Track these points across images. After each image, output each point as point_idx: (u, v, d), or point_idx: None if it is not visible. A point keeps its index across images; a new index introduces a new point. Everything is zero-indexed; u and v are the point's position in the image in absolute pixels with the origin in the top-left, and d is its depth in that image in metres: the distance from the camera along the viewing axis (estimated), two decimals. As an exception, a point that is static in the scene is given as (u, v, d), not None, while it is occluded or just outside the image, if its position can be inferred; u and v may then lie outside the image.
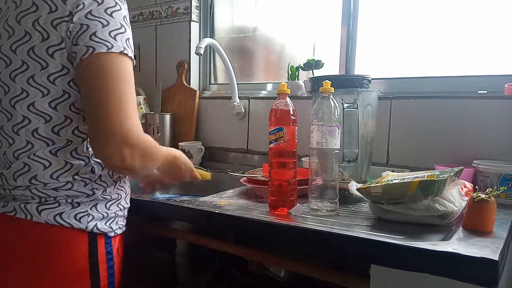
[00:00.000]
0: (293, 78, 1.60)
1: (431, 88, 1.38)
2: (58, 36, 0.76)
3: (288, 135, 0.93)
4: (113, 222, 0.86)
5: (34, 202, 0.80)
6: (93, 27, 0.75)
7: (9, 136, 0.81)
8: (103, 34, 0.75)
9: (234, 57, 1.89)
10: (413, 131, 1.33)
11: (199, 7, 1.91)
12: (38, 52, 0.77)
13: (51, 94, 0.78)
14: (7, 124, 0.81)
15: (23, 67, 0.78)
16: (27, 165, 0.80)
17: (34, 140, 0.79)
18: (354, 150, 1.06)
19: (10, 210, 0.80)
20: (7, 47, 0.79)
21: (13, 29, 0.79)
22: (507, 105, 1.19)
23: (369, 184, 0.91)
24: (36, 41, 0.77)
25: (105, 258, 0.84)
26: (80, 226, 0.81)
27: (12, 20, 0.79)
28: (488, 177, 1.07)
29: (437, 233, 0.79)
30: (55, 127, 0.79)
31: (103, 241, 0.84)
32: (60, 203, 0.80)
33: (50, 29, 0.76)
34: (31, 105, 0.78)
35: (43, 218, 0.79)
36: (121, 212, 0.90)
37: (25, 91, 0.78)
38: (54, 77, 0.78)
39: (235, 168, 1.56)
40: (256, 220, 0.88)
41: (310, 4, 1.70)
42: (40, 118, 0.79)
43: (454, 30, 1.39)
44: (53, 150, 0.80)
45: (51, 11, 0.77)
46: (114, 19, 0.77)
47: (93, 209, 0.83)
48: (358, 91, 1.07)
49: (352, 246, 0.76)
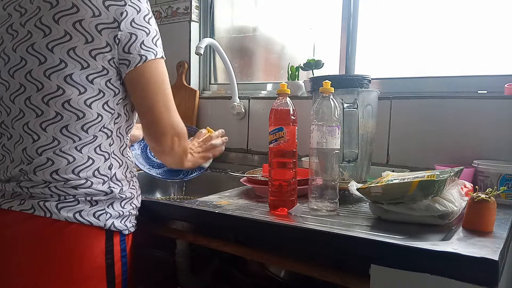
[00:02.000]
0: (293, 78, 1.60)
1: (431, 88, 1.38)
2: (103, 41, 0.81)
3: (288, 135, 0.93)
4: (127, 220, 0.89)
5: (53, 200, 0.81)
6: (140, 36, 0.84)
7: (34, 132, 0.82)
8: (149, 43, 0.85)
9: (234, 57, 1.89)
10: (413, 131, 1.33)
11: (199, 7, 1.91)
12: (79, 52, 0.80)
13: (87, 92, 0.82)
14: (34, 120, 0.82)
15: (61, 65, 0.80)
16: (50, 160, 0.81)
17: (62, 136, 0.82)
18: (354, 150, 1.06)
19: (28, 208, 0.81)
20: (43, 45, 0.81)
21: (49, 28, 0.80)
22: (507, 105, 1.19)
23: (369, 184, 0.91)
24: (78, 42, 0.80)
25: (120, 255, 0.88)
26: (99, 223, 0.83)
27: (48, 19, 0.81)
28: (488, 177, 1.07)
29: (437, 233, 0.79)
30: (86, 125, 0.82)
31: (118, 239, 0.87)
32: (79, 201, 0.82)
33: (94, 33, 0.80)
34: (66, 102, 0.81)
35: (62, 215, 0.80)
36: (134, 211, 0.92)
37: (61, 89, 0.80)
38: (93, 76, 0.82)
39: (235, 168, 1.56)
40: (256, 220, 0.88)
41: (310, 4, 1.70)
42: (73, 115, 0.81)
43: (454, 30, 1.39)
44: (78, 146, 0.82)
45: (94, 15, 0.80)
46: (151, 26, 0.87)
47: (110, 208, 0.86)
48: (358, 91, 1.07)
49: (352, 246, 0.76)
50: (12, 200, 0.83)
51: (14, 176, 0.83)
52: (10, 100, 0.84)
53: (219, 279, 1.36)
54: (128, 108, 0.91)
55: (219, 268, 1.36)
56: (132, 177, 0.94)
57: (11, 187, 0.83)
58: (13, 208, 0.81)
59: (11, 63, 0.83)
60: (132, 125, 0.95)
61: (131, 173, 0.94)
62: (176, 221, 1.05)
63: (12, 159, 0.84)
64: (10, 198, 0.83)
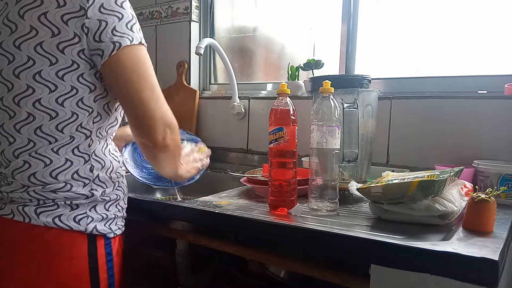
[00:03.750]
0: (293, 78, 1.60)
1: (431, 88, 1.38)
2: (71, 32, 0.76)
3: (288, 135, 0.93)
4: (112, 223, 0.86)
5: (32, 205, 0.79)
6: (110, 21, 0.77)
7: (9, 135, 0.80)
8: (122, 28, 0.78)
9: (234, 57, 1.89)
10: (413, 131, 1.33)
11: (199, 7, 1.91)
12: (47, 47, 0.76)
13: (58, 90, 0.78)
14: (8, 122, 0.79)
15: (29, 63, 0.77)
16: (27, 162, 0.79)
17: (37, 138, 0.79)
18: (354, 150, 1.06)
19: (8, 213, 0.79)
20: (10, 43, 0.77)
21: (15, 25, 0.77)
22: (507, 105, 1.19)
23: (369, 184, 0.91)
24: (45, 36, 0.76)
25: (105, 259, 0.84)
26: (79, 228, 0.80)
27: (14, 15, 0.78)
28: (488, 177, 1.07)
29: (437, 233, 0.79)
30: (60, 124, 0.79)
31: (102, 242, 0.84)
32: (58, 205, 0.79)
33: (60, 24, 0.76)
34: (37, 102, 0.77)
35: (41, 220, 0.78)
36: (120, 213, 0.90)
37: (31, 88, 0.77)
38: (63, 72, 0.77)
39: (235, 168, 1.56)
40: (256, 220, 0.88)
41: (310, 4, 1.70)
42: (45, 115, 0.78)
43: (454, 30, 1.39)
44: (55, 148, 0.79)
45: (59, 5, 0.76)
46: (125, 10, 0.79)
47: (92, 211, 0.82)
48: (358, 91, 1.07)
49: (352, 246, 0.76)
50: None
51: None
52: None
53: (219, 279, 1.36)
54: (110, 106, 0.85)
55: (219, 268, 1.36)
56: (119, 178, 0.89)
57: None
58: None
59: None
60: (115, 125, 0.89)
61: (117, 173, 0.89)
62: (176, 221, 1.05)
63: None
64: None
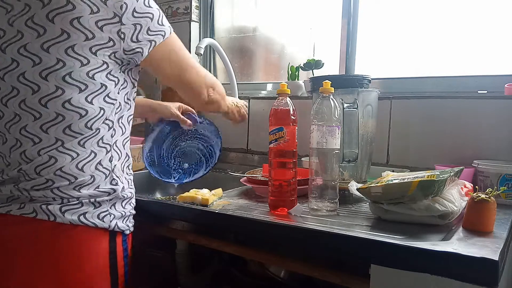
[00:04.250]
0: (293, 78, 1.60)
1: (431, 88, 1.38)
2: (106, 37, 0.80)
3: (288, 135, 0.93)
4: (127, 220, 0.90)
5: (56, 203, 0.79)
6: (144, 24, 0.84)
7: (34, 135, 0.80)
8: (155, 26, 0.86)
9: (234, 57, 1.89)
10: (413, 131, 1.33)
11: (199, 7, 1.91)
12: (79, 50, 0.78)
13: (89, 89, 0.80)
14: (33, 123, 0.79)
15: (58, 65, 0.78)
16: (53, 157, 0.79)
17: (64, 136, 0.80)
18: (354, 150, 1.06)
19: (30, 212, 0.79)
20: (37, 46, 0.78)
21: (44, 28, 0.78)
22: (507, 105, 1.19)
23: (369, 184, 0.91)
24: (78, 40, 0.78)
25: (122, 255, 0.88)
26: (104, 225, 0.83)
27: (42, 18, 0.78)
28: (488, 177, 1.07)
29: (437, 233, 0.79)
30: (89, 122, 0.81)
31: (120, 239, 0.87)
32: (83, 203, 0.81)
33: (95, 29, 0.79)
34: (66, 102, 0.79)
35: (67, 218, 0.79)
36: (133, 210, 0.92)
37: (60, 89, 0.78)
38: (93, 72, 0.80)
39: (235, 168, 1.56)
40: (256, 220, 0.88)
41: (310, 4, 1.70)
42: (74, 114, 0.79)
43: (454, 30, 1.39)
44: (81, 141, 0.81)
45: (92, 12, 0.78)
46: (153, 8, 0.86)
47: (113, 208, 0.85)
48: (358, 91, 1.07)
49: (352, 246, 0.76)
50: (9, 204, 0.80)
51: (11, 177, 0.81)
52: (3, 104, 0.81)
53: (219, 279, 1.36)
54: (129, 95, 0.89)
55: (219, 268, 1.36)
56: (129, 175, 0.92)
57: (8, 190, 0.80)
58: (11, 212, 0.79)
59: (1, 64, 0.80)
60: (132, 113, 0.93)
61: (128, 168, 0.92)
62: (176, 221, 1.05)
63: (8, 163, 0.82)
64: (6, 202, 0.80)
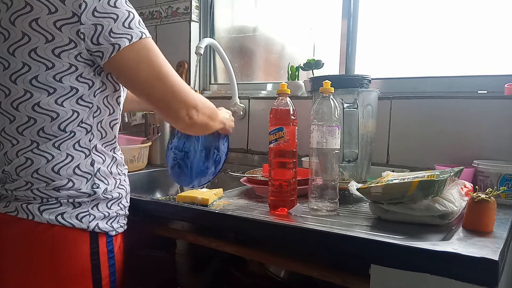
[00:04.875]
0: (293, 78, 1.60)
1: (431, 88, 1.38)
2: (65, 38, 0.77)
3: (288, 135, 0.93)
4: (114, 221, 0.87)
5: (36, 203, 0.80)
6: (106, 25, 0.77)
7: (12, 137, 0.81)
8: (119, 29, 0.78)
9: (234, 57, 1.89)
10: (413, 131, 1.33)
11: (199, 7, 1.91)
12: (41, 53, 0.77)
13: (57, 92, 0.79)
14: (9, 125, 0.81)
15: (24, 69, 0.78)
16: (30, 159, 0.80)
17: (39, 138, 0.80)
18: (354, 150, 1.06)
19: (12, 210, 0.80)
20: (4, 50, 0.78)
21: (8, 31, 0.78)
22: (507, 105, 1.19)
23: (369, 184, 0.91)
24: (38, 42, 0.77)
25: (107, 256, 0.86)
26: (82, 226, 0.82)
27: (6, 22, 0.78)
28: (488, 177, 1.07)
29: (437, 233, 0.79)
30: (62, 124, 0.80)
31: (104, 240, 0.85)
32: (61, 203, 0.81)
33: (54, 30, 0.76)
34: (36, 105, 0.79)
35: (44, 218, 0.79)
36: (122, 211, 0.90)
37: (29, 92, 0.78)
38: (60, 76, 0.78)
39: (235, 168, 1.56)
40: (256, 220, 0.88)
41: (310, 4, 1.70)
42: (46, 117, 0.79)
43: (454, 30, 1.39)
44: (56, 143, 0.81)
45: (50, 12, 0.76)
46: (119, 9, 0.79)
47: (94, 209, 0.84)
48: (358, 91, 1.07)
49: (352, 246, 0.76)
50: None
51: None
52: None
53: (219, 279, 1.36)
54: (109, 99, 0.86)
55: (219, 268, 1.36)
56: (120, 175, 0.91)
57: None
58: None
59: None
60: (117, 117, 0.90)
61: (118, 169, 0.90)
62: (176, 221, 1.05)
63: None
64: None
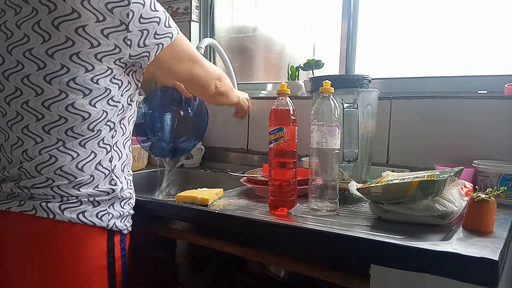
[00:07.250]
0: (293, 78, 1.60)
1: (431, 88, 1.38)
2: (111, 44, 0.81)
3: (288, 135, 0.93)
4: (126, 220, 0.91)
5: (56, 201, 0.81)
6: (151, 28, 0.85)
7: (36, 135, 0.81)
8: (162, 30, 0.87)
9: (234, 57, 1.89)
10: (413, 131, 1.33)
11: (199, 7, 1.91)
12: (84, 57, 0.79)
13: (92, 94, 0.81)
14: (35, 123, 0.80)
15: (62, 70, 0.79)
16: (54, 157, 0.81)
17: (66, 137, 0.81)
18: (354, 150, 1.06)
19: (29, 209, 0.80)
20: (41, 51, 0.78)
21: (49, 34, 0.78)
22: (507, 105, 1.19)
23: (369, 184, 0.91)
24: (83, 47, 0.78)
25: (120, 254, 0.89)
26: (102, 224, 0.84)
27: (48, 24, 0.78)
28: (488, 177, 1.07)
29: (437, 233, 0.79)
30: (91, 124, 0.82)
31: (118, 238, 0.88)
32: (82, 202, 0.82)
33: (100, 37, 0.79)
34: (70, 106, 0.80)
35: (66, 216, 0.80)
36: (131, 210, 0.93)
37: (64, 93, 0.79)
38: (98, 78, 0.81)
39: (235, 168, 1.56)
40: (256, 220, 0.88)
41: (310, 4, 1.70)
42: (78, 117, 0.81)
43: (454, 30, 1.39)
44: (82, 142, 0.82)
45: (98, 20, 0.78)
46: (159, 11, 0.86)
47: (111, 208, 0.86)
48: (358, 91, 1.07)
49: (352, 246, 0.76)
50: (10, 201, 0.81)
51: (12, 175, 0.82)
52: (6, 102, 0.82)
53: (219, 279, 1.36)
54: (132, 97, 0.91)
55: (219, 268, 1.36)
56: (129, 176, 0.94)
57: (9, 188, 0.81)
58: (12, 209, 0.80)
59: (6, 65, 0.81)
60: (134, 115, 0.94)
61: (128, 169, 0.93)
62: (176, 221, 1.05)
63: (10, 160, 0.83)
64: (6, 199, 0.82)
